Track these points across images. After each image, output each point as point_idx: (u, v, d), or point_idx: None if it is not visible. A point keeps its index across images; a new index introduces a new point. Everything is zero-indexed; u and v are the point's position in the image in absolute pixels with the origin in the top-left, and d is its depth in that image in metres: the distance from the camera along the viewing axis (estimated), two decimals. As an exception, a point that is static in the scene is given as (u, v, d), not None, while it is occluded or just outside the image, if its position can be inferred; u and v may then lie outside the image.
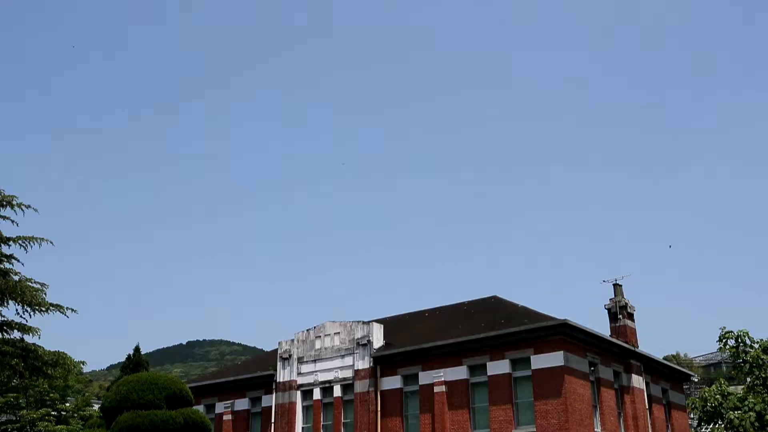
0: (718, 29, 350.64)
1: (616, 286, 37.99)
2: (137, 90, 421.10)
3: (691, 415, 42.88)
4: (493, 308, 36.53)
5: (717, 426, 32.21)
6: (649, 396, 36.06)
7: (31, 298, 21.64)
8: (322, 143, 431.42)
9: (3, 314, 22.72)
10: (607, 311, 37.55)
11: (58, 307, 22.68)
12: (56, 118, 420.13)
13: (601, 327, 35.49)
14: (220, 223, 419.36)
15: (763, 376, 31.26)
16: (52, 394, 36.91)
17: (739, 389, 34.18)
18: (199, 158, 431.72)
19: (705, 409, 31.90)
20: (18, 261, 22.45)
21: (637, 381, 34.63)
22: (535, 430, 30.09)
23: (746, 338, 33.16)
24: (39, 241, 22.32)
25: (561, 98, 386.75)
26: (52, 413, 37.06)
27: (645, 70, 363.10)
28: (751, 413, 30.06)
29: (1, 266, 22.08)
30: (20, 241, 22.07)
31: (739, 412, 30.47)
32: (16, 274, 22.08)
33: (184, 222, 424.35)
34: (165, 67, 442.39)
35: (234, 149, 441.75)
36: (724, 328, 33.47)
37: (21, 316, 22.21)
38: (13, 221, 22.81)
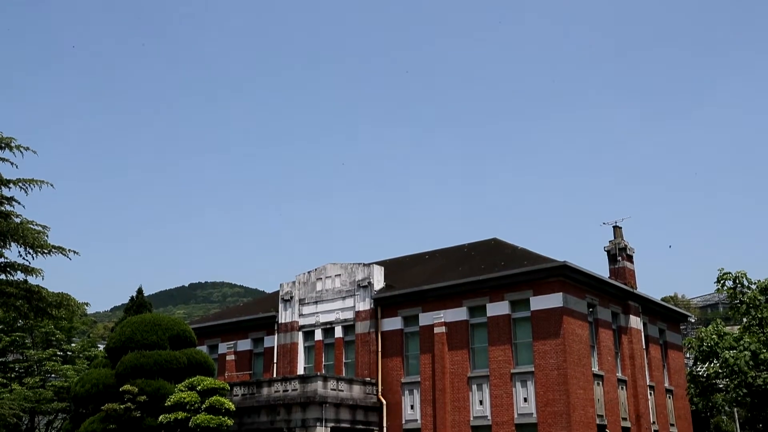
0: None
1: (616, 229, 38.15)
2: (140, 35, 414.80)
3: (687, 355, 43.59)
4: (493, 250, 36.74)
5: (712, 365, 32.67)
6: (646, 336, 36.58)
7: (32, 240, 21.71)
8: (322, 75, 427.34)
9: (5, 256, 22.89)
10: (606, 253, 37.81)
11: (60, 249, 22.80)
12: (49, 54, 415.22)
13: (601, 269, 35.79)
14: (222, 165, 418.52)
15: (760, 316, 31.55)
16: (57, 335, 37.42)
17: (735, 330, 34.55)
18: (199, 104, 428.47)
19: (701, 348, 32.28)
20: (19, 203, 22.48)
21: (635, 322, 35.08)
22: (533, 369, 30.61)
23: (744, 279, 33.34)
24: (39, 183, 22.29)
25: (563, 40, 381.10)
26: (58, 353, 37.62)
27: (652, 14, 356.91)
28: (746, 352, 30.43)
29: (2, 208, 22.11)
30: (20, 184, 22.02)
31: (734, 351, 30.84)
32: (17, 216, 22.12)
33: (186, 164, 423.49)
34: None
35: (233, 89, 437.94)
36: (723, 269, 33.57)
37: (23, 258, 22.36)
38: (12, 163, 22.76)
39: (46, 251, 22.37)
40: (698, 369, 35.30)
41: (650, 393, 35.42)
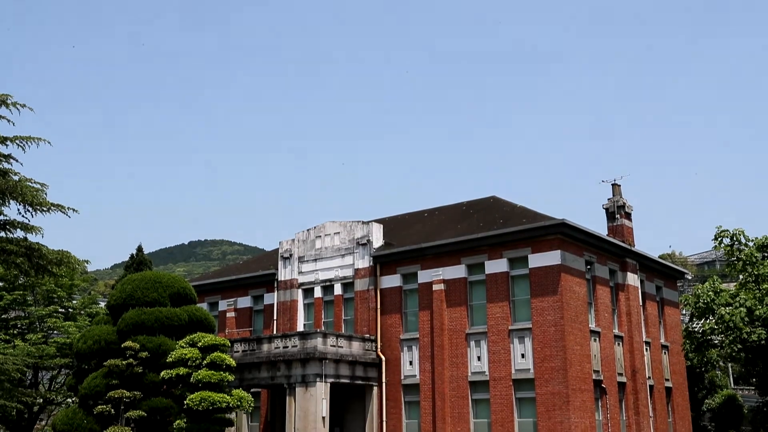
0: None
1: (615, 186, 38.15)
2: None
3: (684, 312, 43.97)
4: (492, 208, 36.77)
5: (708, 321, 32.99)
6: (643, 293, 36.85)
7: (31, 198, 21.67)
8: (321, 33, 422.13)
9: (5, 214, 22.88)
10: (605, 211, 37.87)
11: (59, 207, 22.76)
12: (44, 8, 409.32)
13: (599, 226, 35.88)
14: (222, 122, 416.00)
15: (756, 273, 31.76)
16: (58, 292, 37.61)
17: (732, 286, 34.83)
18: (199, 53, 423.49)
19: (697, 305, 32.58)
20: (17, 161, 22.37)
21: (632, 279, 35.30)
22: (531, 326, 30.90)
23: (741, 237, 33.50)
24: (36, 141, 22.13)
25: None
26: (60, 310, 37.88)
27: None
28: (741, 309, 30.71)
29: (0, 166, 22.02)
30: (17, 141, 21.87)
31: (730, 308, 31.13)
32: (15, 174, 22.03)
33: (186, 121, 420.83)
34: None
35: (233, 44, 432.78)
36: (720, 227, 33.74)
37: (23, 216, 22.35)
38: (9, 121, 22.58)
39: (45, 209, 22.33)
40: (694, 325, 35.67)
41: (646, 349, 35.83)
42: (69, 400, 36.85)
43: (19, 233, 22.86)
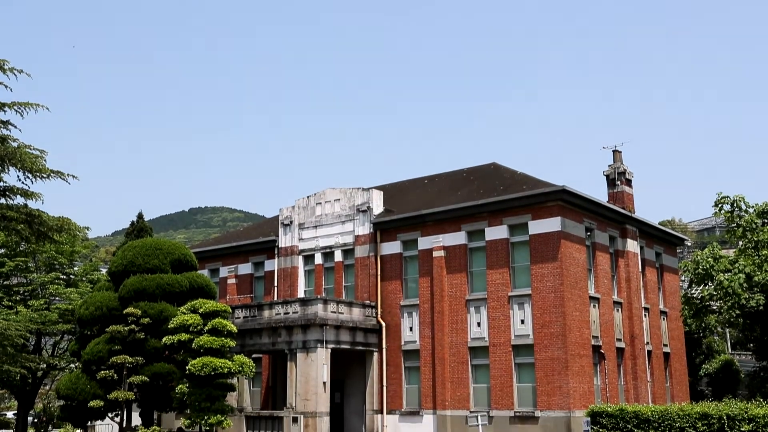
0: None
1: (616, 153, 38.03)
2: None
3: (683, 278, 44.13)
4: (492, 175, 36.70)
5: (707, 287, 33.15)
6: (642, 260, 36.95)
7: (31, 164, 21.57)
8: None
9: (4, 180, 22.80)
10: (605, 177, 37.81)
11: (59, 174, 22.67)
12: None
13: (599, 193, 35.85)
14: (222, 88, 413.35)
15: (756, 239, 31.80)
16: (60, 259, 37.72)
17: (731, 253, 34.91)
18: (197, 24, 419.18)
19: (696, 271, 32.70)
20: (15, 127, 22.22)
21: (632, 245, 35.37)
22: (530, 292, 31.04)
23: (742, 203, 33.50)
24: (35, 106, 21.97)
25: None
26: (62, 277, 38.04)
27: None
28: (740, 275, 30.82)
29: (-1, 133, 21.90)
30: (15, 107, 21.71)
31: (729, 274, 31.25)
32: (14, 140, 21.91)
33: (186, 87, 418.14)
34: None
35: (232, 12, 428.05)
36: (721, 193, 33.72)
37: (22, 183, 22.28)
38: (6, 86, 22.37)
39: (44, 176, 22.25)
40: (693, 291, 35.84)
41: (645, 315, 36.03)
42: (72, 365, 37.19)
43: (19, 200, 22.85)
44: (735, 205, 33.58)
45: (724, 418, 17.46)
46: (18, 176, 22.05)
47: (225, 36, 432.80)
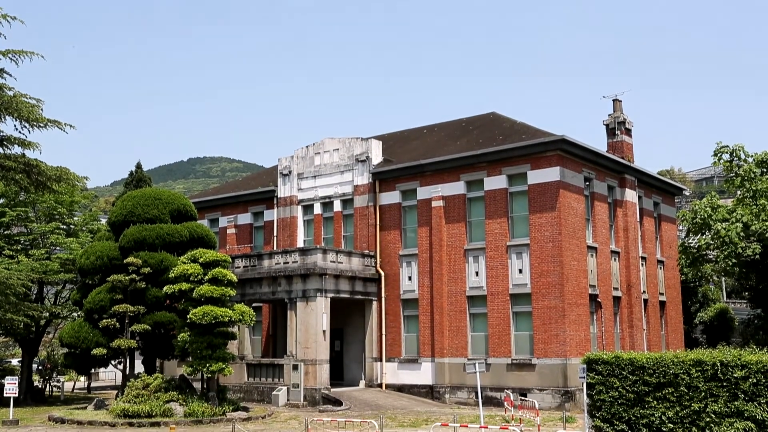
0: None
1: (616, 102, 37.79)
2: None
3: (680, 227, 44.33)
4: (492, 124, 36.54)
5: (704, 237, 33.30)
6: (640, 209, 37.05)
7: (27, 113, 21.36)
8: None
9: (1, 130, 22.63)
10: (605, 127, 37.64)
11: (56, 123, 22.48)
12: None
13: (599, 143, 35.74)
14: (220, 36, 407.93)
15: (754, 188, 31.81)
16: (59, 209, 37.72)
17: (729, 202, 34.98)
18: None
19: (694, 221, 32.81)
20: (10, 75, 21.93)
21: (630, 195, 35.41)
22: (529, 242, 31.20)
23: (741, 152, 33.41)
24: (30, 54, 21.64)
25: None
26: (62, 227, 38.10)
27: None
28: (737, 224, 30.92)
29: (-6, 81, 21.63)
30: (10, 55, 21.38)
31: (726, 223, 31.34)
32: (9, 89, 21.65)
33: (183, 35, 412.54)
34: None
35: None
36: (720, 142, 33.63)
37: (19, 132, 22.09)
38: (0, 34, 22.00)
39: (41, 125, 22.05)
40: (690, 241, 36.02)
41: (642, 264, 36.30)
42: (74, 314, 37.55)
43: (17, 149, 22.70)
44: (734, 154, 33.52)
45: (718, 364, 17.73)
46: (15, 126, 21.89)
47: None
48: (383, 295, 35.00)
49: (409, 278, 34.63)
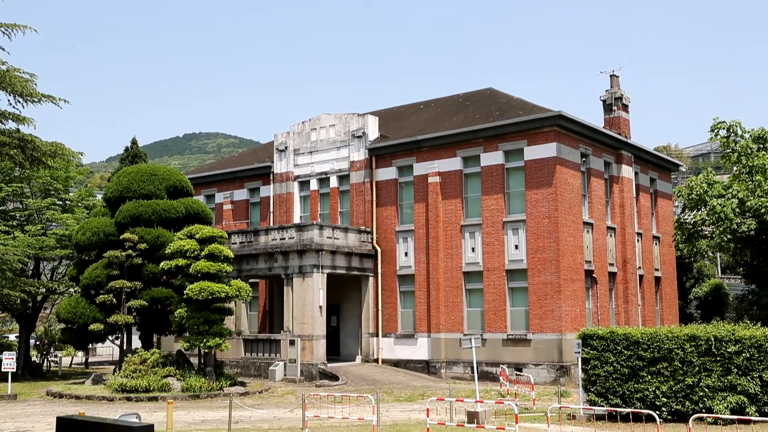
0: None
1: (613, 78, 37.65)
2: None
3: (676, 203, 44.40)
4: (488, 100, 36.42)
5: (699, 213, 33.36)
6: (637, 185, 37.09)
7: (21, 88, 21.10)
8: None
9: (-5, 105, 22.39)
10: (602, 103, 37.53)
11: (50, 98, 22.22)
12: None
13: (596, 119, 35.65)
14: (216, 12, 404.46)
15: (750, 164, 31.82)
16: (55, 185, 37.61)
17: (725, 179, 35.00)
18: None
19: (690, 197, 32.84)
20: (3, 50, 21.64)
21: (627, 171, 35.42)
22: (525, 218, 31.25)
23: (738, 128, 33.37)
24: (22, 28, 21.35)
25: None
26: (57, 203, 38.01)
27: None
28: (733, 200, 30.96)
29: (-14, 56, 21.38)
30: (2, 29, 21.11)
31: (722, 199, 31.38)
32: (3, 63, 21.40)
33: (180, 13, 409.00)
34: None
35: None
36: (717, 118, 33.56)
37: (13, 107, 21.87)
38: (-8, 7, 21.69)
39: (36, 100, 21.80)
40: (686, 216, 36.10)
41: (638, 240, 36.41)
42: (71, 290, 37.60)
43: (11, 125, 22.50)
44: (731, 130, 33.48)
45: (712, 339, 17.87)
46: (9, 100, 21.64)
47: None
48: (380, 270, 35.09)
49: (406, 254, 34.70)
